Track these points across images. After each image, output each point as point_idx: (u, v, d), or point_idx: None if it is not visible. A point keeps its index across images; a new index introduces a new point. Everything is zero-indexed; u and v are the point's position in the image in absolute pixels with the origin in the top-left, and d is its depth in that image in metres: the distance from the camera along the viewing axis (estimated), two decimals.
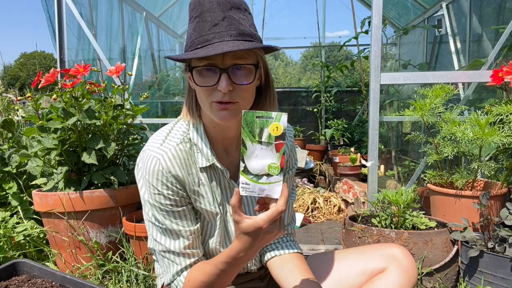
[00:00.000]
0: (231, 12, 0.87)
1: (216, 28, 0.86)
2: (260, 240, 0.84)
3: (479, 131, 1.82)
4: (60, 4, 2.90)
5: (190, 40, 0.89)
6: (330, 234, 2.63)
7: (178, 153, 0.97)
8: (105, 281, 1.88)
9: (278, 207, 0.80)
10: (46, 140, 1.93)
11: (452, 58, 3.65)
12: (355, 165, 3.68)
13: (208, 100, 0.90)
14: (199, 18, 0.87)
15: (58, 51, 2.93)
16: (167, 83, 4.49)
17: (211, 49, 0.83)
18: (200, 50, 0.85)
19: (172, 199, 0.96)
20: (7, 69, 32.24)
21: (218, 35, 0.85)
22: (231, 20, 0.87)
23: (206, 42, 0.85)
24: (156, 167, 0.95)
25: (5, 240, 1.95)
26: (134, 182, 2.20)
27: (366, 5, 5.55)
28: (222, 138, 1.03)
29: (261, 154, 0.79)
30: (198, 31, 0.87)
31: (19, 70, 32.86)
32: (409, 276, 1.08)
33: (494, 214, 1.83)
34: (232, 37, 0.86)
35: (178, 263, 1.00)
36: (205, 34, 0.86)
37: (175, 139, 0.99)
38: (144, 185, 0.97)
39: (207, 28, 0.86)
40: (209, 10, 0.86)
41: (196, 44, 0.87)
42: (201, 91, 0.90)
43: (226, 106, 0.89)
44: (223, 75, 0.86)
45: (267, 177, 0.80)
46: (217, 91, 0.88)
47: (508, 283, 1.49)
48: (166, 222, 0.97)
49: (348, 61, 5.27)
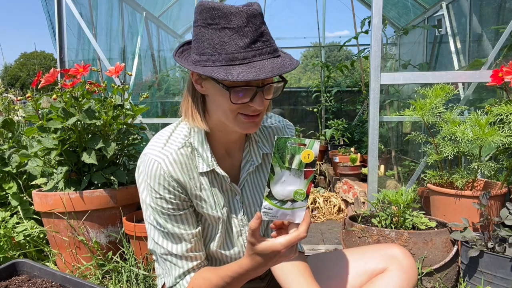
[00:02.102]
0: (264, 27, 0.86)
1: (256, 45, 0.84)
2: (273, 262, 0.84)
3: (479, 131, 1.82)
4: (60, 4, 2.90)
5: (223, 51, 0.84)
6: (330, 234, 2.63)
7: (180, 157, 0.97)
8: (105, 281, 1.88)
9: (300, 233, 0.79)
10: (46, 140, 1.93)
11: (452, 58, 3.65)
12: (355, 165, 3.68)
13: (234, 112, 0.89)
14: (235, 32, 0.83)
15: (58, 51, 2.93)
16: (167, 83, 4.49)
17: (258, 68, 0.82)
18: (242, 67, 0.83)
19: (174, 203, 0.96)
20: (7, 69, 32.25)
21: (259, 52, 0.85)
22: (267, 36, 0.87)
23: (245, 60, 0.84)
24: (157, 171, 0.94)
25: (5, 240, 1.95)
26: (134, 182, 2.19)
27: (366, 5, 5.55)
28: (225, 141, 1.03)
29: (289, 180, 0.78)
30: (234, 45, 0.84)
31: (19, 70, 32.87)
32: (409, 276, 1.08)
33: (494, 214, 1.83)
34: (270, 54, 0.86)
35: (180, 266, 0.99)
36: (243, 51, 0.84)
37: (176, 143, 0.99)
38: (145, 188, 0.96)
39: (245, 44, 0.83)
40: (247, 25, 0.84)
41: (233, 60, 0.84)
42: (228, 105, 0.88)
43: (254, 119, 0.90)
44: (259, 93, 0.87)
45: (291, 203, 0.79)
46: (247, 106, 0.88)
47: (508, 283, 1.49)
48: (168, 226, 0.97)
49: (348, 61, 5.27)
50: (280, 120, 1.16)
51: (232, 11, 0.83)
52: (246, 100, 0.86)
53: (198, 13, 0.88)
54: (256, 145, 1.08)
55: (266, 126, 1.13)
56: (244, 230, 1.07)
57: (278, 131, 1.13)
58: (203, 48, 0.87)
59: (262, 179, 1.10)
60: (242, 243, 1.08)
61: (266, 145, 1.10)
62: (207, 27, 0.86)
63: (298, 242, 0.80)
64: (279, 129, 1.14)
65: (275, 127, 1.13)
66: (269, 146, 1.11)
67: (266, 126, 1.13)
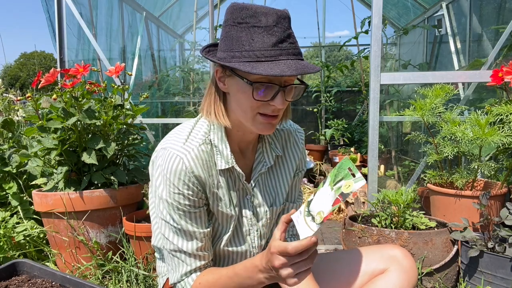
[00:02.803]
0: (291, 30, 0.89)
1: (283, 45, 0.87)
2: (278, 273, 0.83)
3: (479, 131, 1.82)
4: (60, 4, 2.90)
5: (250, 48, 0.86)
6: (330, 234, 2.63)
7: (201, 153, 0.96)
8: (105, 281, 1.88)
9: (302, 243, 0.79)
10: (46, 140, 1.93)
11: (452, 58, 3.65)
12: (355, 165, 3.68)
13: (254, 111, 0.91)
14: (264, 30, 0.86)
15: (58, 51, 2.93)
16: (167, 83, 4.48)
17: (283, 65, 0.84)
18: (268, 64, 0.85)
19: (191, 199, 0.96)
20: (7, 69, 32.25)
21: (285, 52, 0.87)
22: (293, 38, 0.89)
23: (271, 57, 0.86)
24: (179, 166, 0.93)
25: (5, 240, 1.95)
26: (134, 182, 2.20)
27: (366, 5, 5.55)
28: (239, 141, 1.04)
29: (324, 199, 0.79)
30: (262, 42, 0.86)
31: (19, 70, 32.86)
32: (409, 276, 1.08)
33: (494, 214, 1.83)
34: (295, 56, 0.88)
35: (188, 263, 1.00)
36: (270, 49, 0.86)
37: (197, 139, 0.98)
38: (163, 183, 0.95)
39: (272, 42, 0.86)
40: (277, 25, 0.86)
41: (259, 57, 0.85)
42: (249, 102, 0.90)
43: (272, 120, 0.92)
44: (280, 93, 0.88)
45: (311, 219, 0.80)
46: (267, 105, 0.90)
47: (508, 283, 1.49)
48: (182, 223, 0.97)
49: (348, 61, 5.27)
50: (290, 124, 1.18)
51: (263, 11, 0.86)
52: (267, 98, 0.88)
53: (229, 13, 0.90)
54: (269, 147, 1.09)
55: (279, 129, 1.14)
56: (252, 229, 1.08)
57: (290, 135, 1.15)
58: (230, 45, 0.89)
59: (273, 181, 1.11)
60: (250, 242, 1.09)
61: (278, 147, 1.11)
62: (237, 26, 0.88)
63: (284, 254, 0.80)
64: (291, 132, 1.16)
65: (287, 130, 1.15)
66: (281, 148, 1.12)
67: (279, 129, 1.14)
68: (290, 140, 1.15)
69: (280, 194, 1.12)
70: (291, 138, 1.15)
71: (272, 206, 1.10)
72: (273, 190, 1.11)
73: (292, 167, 1.14)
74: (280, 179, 1.12)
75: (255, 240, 1.09)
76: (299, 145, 1.16)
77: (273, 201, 1.11)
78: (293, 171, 1.14)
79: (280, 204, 1.12)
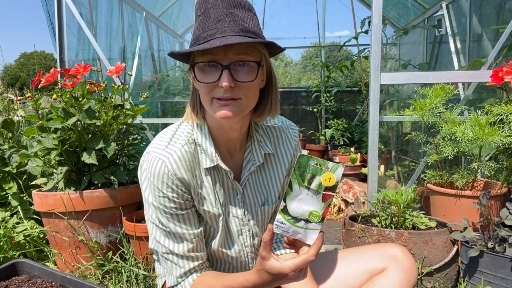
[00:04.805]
0: (235, 10, 0.87)
1: (219, 24, 0.86)
2: (280, 282, 0.84)
3: (479, 131, 1.82)
4: (60, 4, 2.90)
5: (194, 36, 0.89)
6: (330, 234, 2.63)
7: (184, 154, 0.96)
8: (105, 281, 1.88)
9: (309, 256, 0.79)
10: (46, 140, 1.93)
11: (452, 58, 3.65)
12: (355, 165, 3.68)
13: (209, 96, 0.89)
14: (203, 16, 0.88)
15: (58, 51, 2.93)
16: (167, 83, 4.49)
17: (213, 43, 0.83)
18: (202, 45, 0.85)
19: (176, 202, 0.96)
20: (7, 69, 32.24)
21: (221, 30, 0.85)
22: (234, 17, 0.87)
23: (208, 37, 0.85)
24: (161, 170, 0.93)
25: (5, 240, 1.95)
26: (134, 182, 2.20)
27: (366, 5, 5.55)
28: (226, 140, 1.02)
29: (306, 200, 0.77)
30: (202, 27, 0.87)
31: (19, 70, 32.84)
32: (409, 276, 1.08)
33: (494, 214, 1.83)
34: (234, 32, 0.85)
35: (181, 266, 0.99)
36: (208, 29, 0.86)
37: (180, 140, 0.99)
38: (148, 187, 0.96)
39: (210, 24, 0.86)
40: (213, 7, 0.87)
41: (199, 40, 0.87)
42: (203, 88, 0.90)
43: (227, 102, 0.88)
44: (225, 71, 0.86)
45: (305, 223, 0.79)
46: (218, 87, 0.87)
47: (508, 283, 1.49)
48: (170, 225, 0.97)
49: (348, 61, 5.27)
50: (283, 121, 1.15)
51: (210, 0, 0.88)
52: (213, 79, 0.87)
53: (195, 10, 0.92)
54: (258, 145, 1.07)
55: (269, 126, 1.12)
56: (244, 229, 1.07)
57: (281, 131, 1.12)
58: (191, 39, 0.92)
59: (264, 179, 1.09)
60: (242, 242, 1.08)
61: (268, 145, 1.09)
62: (195, 21, 0.91)
63: (306, 265, 0.80)
64: (282, 129, 1.13)
65: (279, 127, 1.13)
66: (272, 146, 1.10)
67: (269, 126, 1.12)
68: (282, 137, 1.12)
69: (272, 192, 1.10)
70: (283, 135, 1.12)
71: (264, 205, 1.09)
72: (265, 189, 1.09)
73: (285, 165, 1.12)
74: (272, 177, 1.10)
75: (248, 240, 1.08)
76: (291, 142, 1.13)
77: (265, 200, 1.09)
78: (286, 169, 1.12)
79: (273, 202, 1.10)
